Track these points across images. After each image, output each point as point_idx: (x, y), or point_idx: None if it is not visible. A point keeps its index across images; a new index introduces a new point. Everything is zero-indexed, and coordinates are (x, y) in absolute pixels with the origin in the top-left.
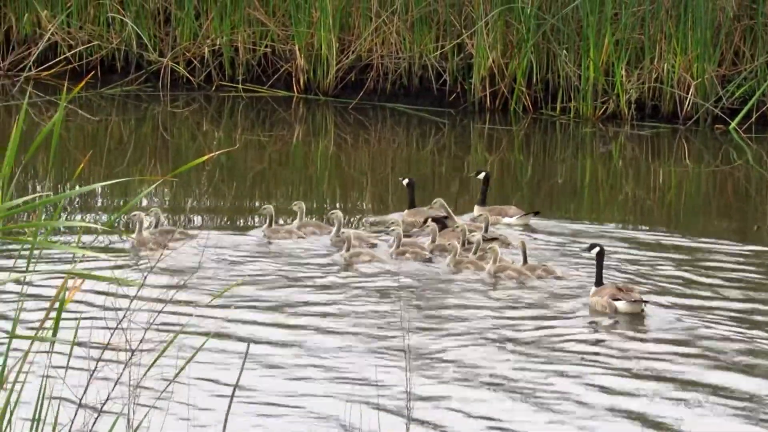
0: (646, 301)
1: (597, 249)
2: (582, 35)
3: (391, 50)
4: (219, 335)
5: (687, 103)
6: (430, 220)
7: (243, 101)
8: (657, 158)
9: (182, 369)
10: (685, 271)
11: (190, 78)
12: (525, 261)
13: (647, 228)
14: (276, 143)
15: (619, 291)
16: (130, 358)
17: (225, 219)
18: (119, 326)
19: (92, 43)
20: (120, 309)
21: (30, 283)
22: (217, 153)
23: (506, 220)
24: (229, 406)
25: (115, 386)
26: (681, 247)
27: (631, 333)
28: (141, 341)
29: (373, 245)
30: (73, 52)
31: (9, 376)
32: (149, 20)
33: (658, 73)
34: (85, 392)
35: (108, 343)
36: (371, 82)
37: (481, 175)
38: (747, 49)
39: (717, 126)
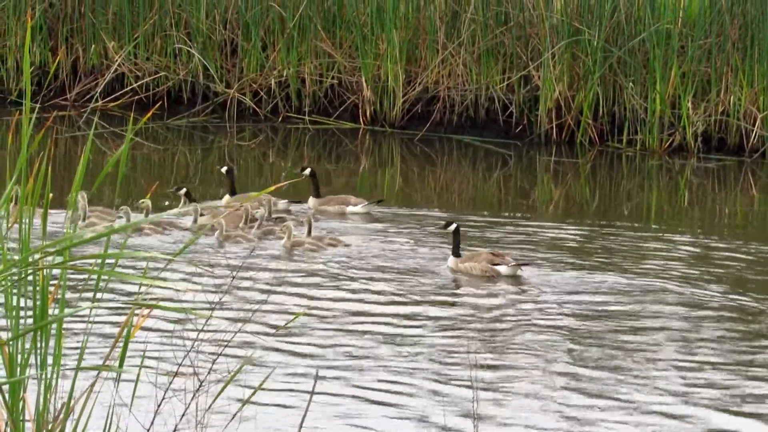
0: (526, 264)
1: (453, 226)
2: (648, 68)
3: (457, 82)
4: (287, 360)
5: (753, 135)
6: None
7: (309, 133)
8: (723, 190)
9: (247, 400)
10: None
11: (257, 109)
12: (309, 233)
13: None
14: (342, 174)
15: (495, 257)
16: (198, 389)
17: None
18: (187, 356)
19: (159, 75)
20: (188, 339)
21: (97, 314)
22: (284, 183)
23: (350, 209)
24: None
25: (182, 417)
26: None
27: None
28: (209, 372)
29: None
30: (139, 83)
31: (76, 407)
32: (216, 51)
33: (725, 106)
34: (152, 423)
35: (175, 374)
36: (437, 114)
37: (306, 171)
38: None
39: None
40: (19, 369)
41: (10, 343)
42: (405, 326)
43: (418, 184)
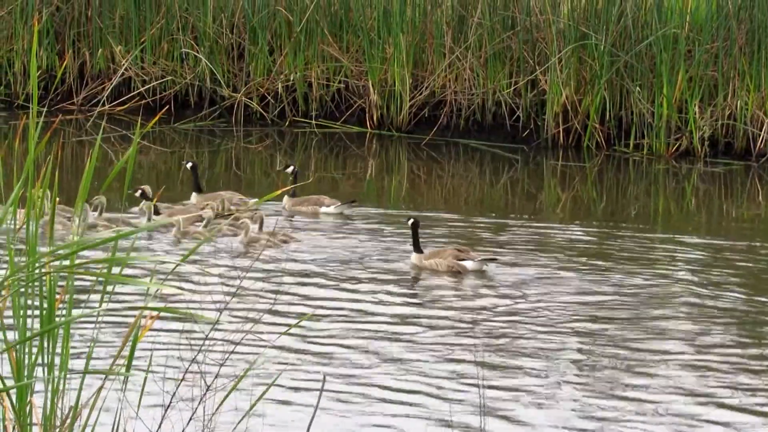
0: (491, 259)
1: (411, 220)
2: (655, 72)
3: (464, 86)
4: (294, 364)
5: (760, 140)
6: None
7: (316, 137)
8: (730, 195)
9: (254, 405)
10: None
11: (264, 113)
12: (260, 229)
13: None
14: (349, 179)
15: (460, 252)
16: (205, 393)
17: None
18: (194, 360)
19: (166, 79)
20: (195, 344)
21: (104, 318)
22: (291, 187)
23: (324, 209)
24: None
25: (190, 421)
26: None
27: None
28: (216, 375)
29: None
30: (146, 87)
31: (83, 411)
32: (223, 56)
33: (732, 110)
34: (159, 427)
35: (183, 378)
36: (444, 118)
37: (289, 170)
38: None
39: None
40: (26, 373)
41: (18, 347)
42: (405, 325)
43: (425, 188)
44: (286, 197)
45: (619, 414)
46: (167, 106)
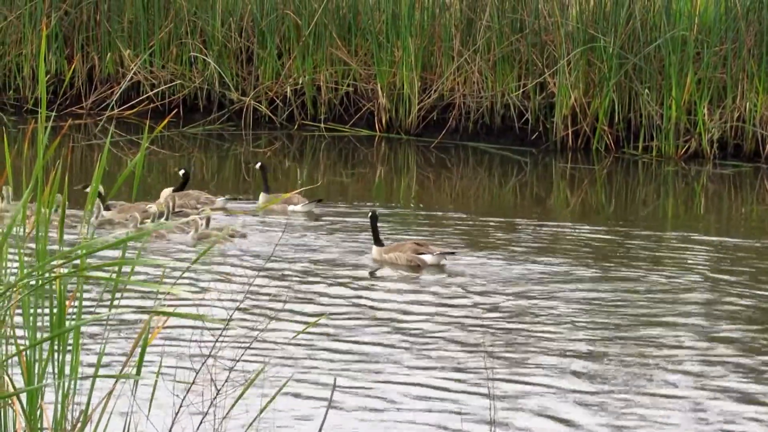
0: (451, 253)
1: (370, 213)
2: (664, 74)
3: (473, 89)
4: (303, 370)
5: None
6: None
7: (325, 140)
8: (739, 196)
9: (265, 407)
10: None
11: (273, 117)
12: (207, 226)
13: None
14: (358, 182)
15: (419, 246)
16: (216, 396)
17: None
18: (204, 363)
19: (174, 83)
20: (205, 347)
21: (114, 321)
22: (300, 190)
23: (291, 208)
24: None
25: (200, 425)
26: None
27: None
28: (226, 379)
29: None
30: (155, 91)
31: (93, 415)
32: (231, 59)
33: (740, 112)
34: (170, 430)
35: (193, 381)
36: (453, 121)
37: (257, 165)
38: None
39: None
40: (36, 377)
41: (28, 350)
42: (413, 326)
43: (434, 191)
44: (261, 194)
45: (628, 414)
46: (176, 110)
